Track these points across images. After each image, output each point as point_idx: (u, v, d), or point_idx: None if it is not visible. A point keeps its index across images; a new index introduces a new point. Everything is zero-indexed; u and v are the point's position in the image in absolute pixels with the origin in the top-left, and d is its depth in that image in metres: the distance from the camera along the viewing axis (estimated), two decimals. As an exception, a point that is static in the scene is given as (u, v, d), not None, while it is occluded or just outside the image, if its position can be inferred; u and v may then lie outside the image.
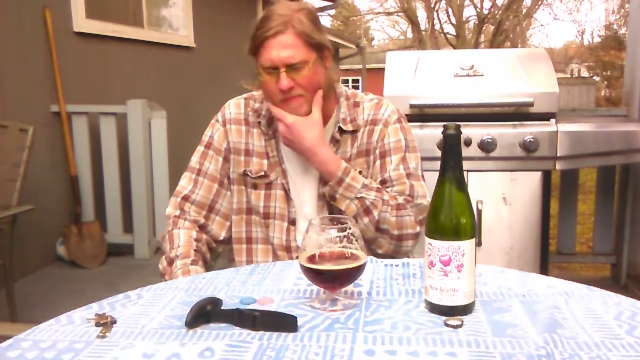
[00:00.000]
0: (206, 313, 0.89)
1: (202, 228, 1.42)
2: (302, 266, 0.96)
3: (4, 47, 3.37)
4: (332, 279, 0.96)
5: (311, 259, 0.95)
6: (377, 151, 1.41)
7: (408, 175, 1.38)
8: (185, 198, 1.42)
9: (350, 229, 0.95)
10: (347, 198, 1.32)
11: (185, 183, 1.44)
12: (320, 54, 1.33)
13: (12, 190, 2.54)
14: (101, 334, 0.85)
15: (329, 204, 1.40)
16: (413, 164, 1.40)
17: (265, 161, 1.41)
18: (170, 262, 1.32)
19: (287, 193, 1.40)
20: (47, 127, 3.67)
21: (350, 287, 1.03)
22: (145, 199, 3.79)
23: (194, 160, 1.45)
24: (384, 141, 1.41)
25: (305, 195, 1.42)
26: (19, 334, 0.86)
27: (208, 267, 1.39)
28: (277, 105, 1.33)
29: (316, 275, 0.96)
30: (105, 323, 0.88)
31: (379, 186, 1.36)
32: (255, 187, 1.42)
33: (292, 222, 1.41)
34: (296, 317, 0.87)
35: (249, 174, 1.41)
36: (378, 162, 1.40)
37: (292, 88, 1.29)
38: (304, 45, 1.29)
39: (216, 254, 1.48)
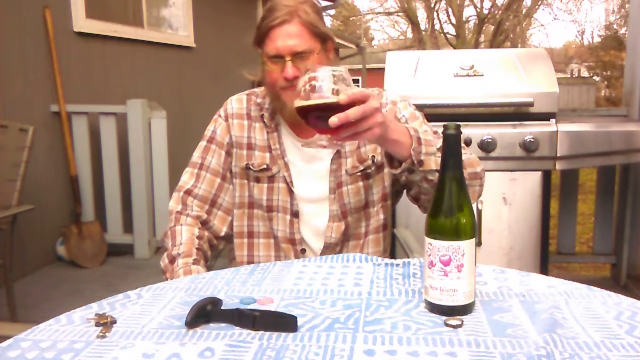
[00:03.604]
0: (206, 313, 0.89)
1: (204, 224, 1.42)
2: (298, 107, 1.01)
3: (4, 47, 3.37)
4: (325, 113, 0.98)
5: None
6: None
7: (435, 133, 1.35)
8: (188, 192, 1.42)
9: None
10: (432, 154, 1.19)
11: (187, 178, 1.44)
12: (324, 45, 1.35)
13: (12, 190, 2.54)
14: (101, 334, 0.85)
15: (341, 195, 1.40)
16: (434, 128, 1.38)
17: (267, 154, 1.42)
18: (172, 260, 1.33)
19: (288, 186, 1.40)
20: (47, 127, 3.67)
21: (350, 287, 1.03)
22: (145, 198, 3.79)
23: (196, 155, 1.46)
24: (397, 116, 1.41)
25: (313, 187, 1.41)
26: (19, 334, 0.86)
27: (208, 267, 1.39)
28: (278, 93, 1.33)
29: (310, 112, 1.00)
30: (105, 323, 0.88)
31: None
32: (257, 180, 1.42)
33: (295, 214, 1.41)
34: (296, 317, 0.87)
35: (252, 168, 1.42)
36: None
37: (296, 77, 1.29)
38: (310, 35, 1.30)
39: (217, 252, 1.48)
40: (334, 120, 0.98)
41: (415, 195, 1.36)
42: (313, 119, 1.03)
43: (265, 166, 1.41)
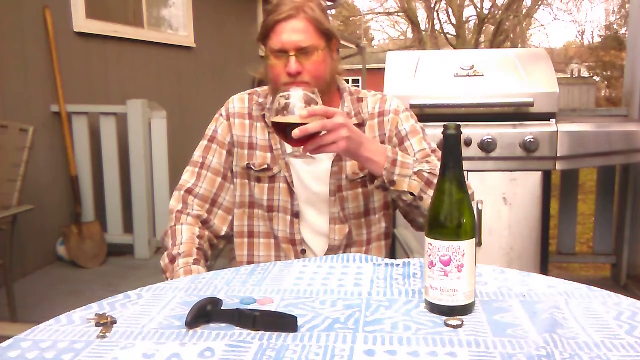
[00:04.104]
0: (206, 313, 0.89)
1: (204, 223, 1.42)
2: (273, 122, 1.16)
3: (4, 47, 3.37)
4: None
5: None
6: (395, 139, 1.42)
7: (433, 151, 1.39)
8: (189, 191, 1.42)
9: None
10: (406, 176, 1.26)
11: (187, 177, 1.44)
12: (329, 43, 1.35)
13: (12, 190, 2.54)
14: (101, 334, 0.85)
15: (342, 198, 1.40)
16: (433, 144, 1.42)
17: (268, 154, 1.42)
18: (172, 259, 1.32)
19: (289, 186, 1.40)
20: (47, 127, 3.67)
21: (350, 287, 1.03)
22: (145, 198, 3.79)
23: (197, 154, 1.45)
24: (398, 128, 1.42)
25: (313, 188, 1.41)
26: (19, 334, 0.86)
27: (208, 267, 1.39)
28: (280, 88, 1.33)
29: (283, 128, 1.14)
30: (105, 323, 0.88)
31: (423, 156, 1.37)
32: (258, 180, 1.42)
33: (296, 214, 1.41)
34: (296, 317, 0.87)
35: (252, 167, 1.42)
36: (398, 149, 1.40)
37: (299, 73, 1.30)
38: (315, 31, 1.31)
39: (217, 251, 1.48)
40: (295, 132, 1.11)
41: (403, 213, 1.40)
42: (284, 134, 1.16)
43: (266, 166, 1.41)
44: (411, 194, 1.26)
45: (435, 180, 1.26)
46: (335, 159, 1.39)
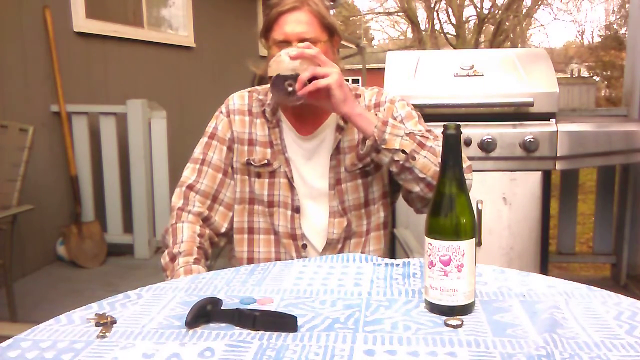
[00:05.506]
0: (206, 313, 0.89)
1: (205, 220, 1.42)
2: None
3: (4, 47, 3.37)
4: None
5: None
6: None
7: (428, 131, 1.38)
8: (190, 187, 1.42)
9: None
10: (398, 135, 1.26)
11: (189, 173, 1.44)
12: (331, 38, 1.37)
13: (12, 190, 2.54)
14: (101, 334, 0.85)
15: (341, 191, 1.40)
16: (427, 128, 1.41)
17: (268, 150, 1.42)
18: (173, 258, 1.33)
19: (290, 181, 1.41)
20: (47, 127, 3.67)
21: (350, 287, 1.03)
22: (145, 198, 3.79)
23: (198, 151, 1.46)
24: (394, 115, 1.42)
25: (312, 183, 1.42)
26: (19, 334, 0.86)
27: (208, 267, 1.39)
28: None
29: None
30: (105, 323, 0.88)
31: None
32: (259, 175, 1.43)
33: (297, 209, 1.41)
34: (296, 317, 0.87)
35: (253, 163, 1.42)
36: None
37: None
38: (318, 25, 1.33)
39: (218, 249, 1.48)
40: (292, 53, 1.22)
41: (405, 196, 1.40)
42: (282, 78, 1.24)
43: (266, 161, 1.42)
44: (403, 152, 1.25)
45: (428, 144, 1.28)
46: (334, 152, 1.40)
